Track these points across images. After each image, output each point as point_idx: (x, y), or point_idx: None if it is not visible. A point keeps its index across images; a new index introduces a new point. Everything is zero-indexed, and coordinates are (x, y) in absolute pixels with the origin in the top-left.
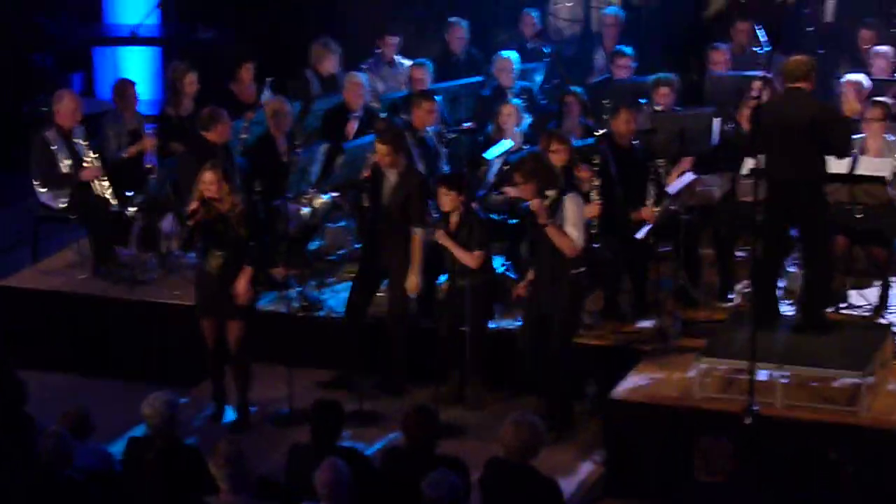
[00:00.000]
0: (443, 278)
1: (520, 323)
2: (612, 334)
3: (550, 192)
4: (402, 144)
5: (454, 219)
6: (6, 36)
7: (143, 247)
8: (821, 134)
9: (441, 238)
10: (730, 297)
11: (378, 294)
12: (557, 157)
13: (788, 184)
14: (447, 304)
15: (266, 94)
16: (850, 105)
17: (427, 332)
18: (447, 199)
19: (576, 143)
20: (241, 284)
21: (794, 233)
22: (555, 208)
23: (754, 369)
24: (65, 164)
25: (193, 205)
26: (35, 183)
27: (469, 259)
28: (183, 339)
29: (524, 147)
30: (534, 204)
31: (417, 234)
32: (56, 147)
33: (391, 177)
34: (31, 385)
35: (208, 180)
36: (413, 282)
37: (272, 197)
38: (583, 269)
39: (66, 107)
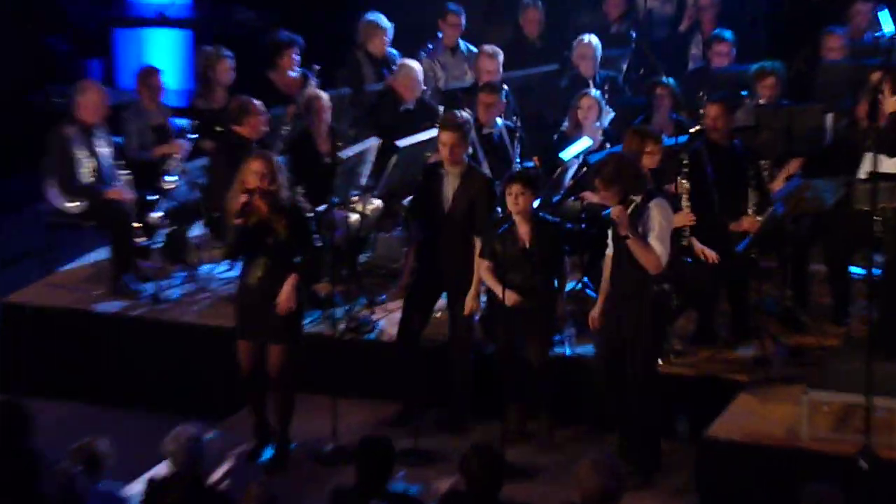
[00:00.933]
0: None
1: (595, 349)
2: (706, 362)
3: (635, 198)
4: (469, 137)
5: (524, 227)
6: (17, 15)
7: (168, 259)
8: None
9: (486, 274)
10: (845, 320)
11: (436, 315)
12: (650, 160)
13: None
14: (506, 325)
15: (312, 85)
16: None
17: (491, 356)
18: (523, 199)
19: (666, 141)
20: (286, 292)
21: None
22: (639, 216)
23: (872, 405)
24: (87, 168)
25: (243, 198)
26: (49, 184)
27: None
28: (213, 365)
29: (606, 146)
30: (615, 211)
31: (481, 244)
32: (76, 147)
33: (452, 179)
34: (40, 415)
35: (257, 170)
36: (472, 300)
37: (315, 202)
38: (668, 287)
39: (89, 100)
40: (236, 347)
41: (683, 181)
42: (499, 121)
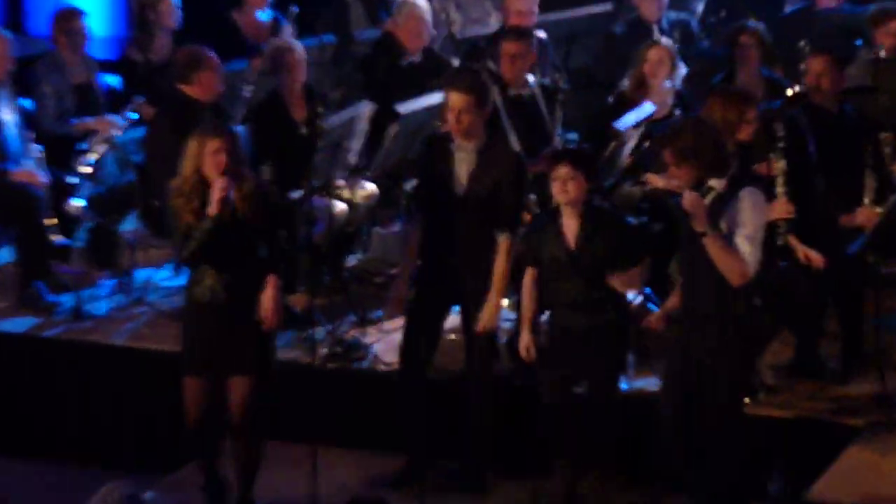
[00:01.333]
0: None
1: (663, 382)
2: (808, 401)
3: (715, 183)
4: (488, 100)
5: (573, 222)
6: None
7: (93, 262)
8: None
9: (527, 288)
10: None
11: (449, 337)
12: (744, 132)
13: None
14: (552, 354)
15: (285, 33)
16: None
17: (523, 393)
18: (574, 186)
19: None
20: (268, 298)
21: None
22: (722, 208)
23: None
24: None
25: (219, 183)
26: None
27: (625, 282)
28: (153, 403)
29: (676, 112)
30: (689, 200)
31: (505, 241)
32: None
33: (466, 156)
34: None
35: (213, 150)
36: (490, 314)
37: (288, 187)
38: (758, 301)
39: None
40: (182, 386)
41: (777, 160)
42: (531, 78)
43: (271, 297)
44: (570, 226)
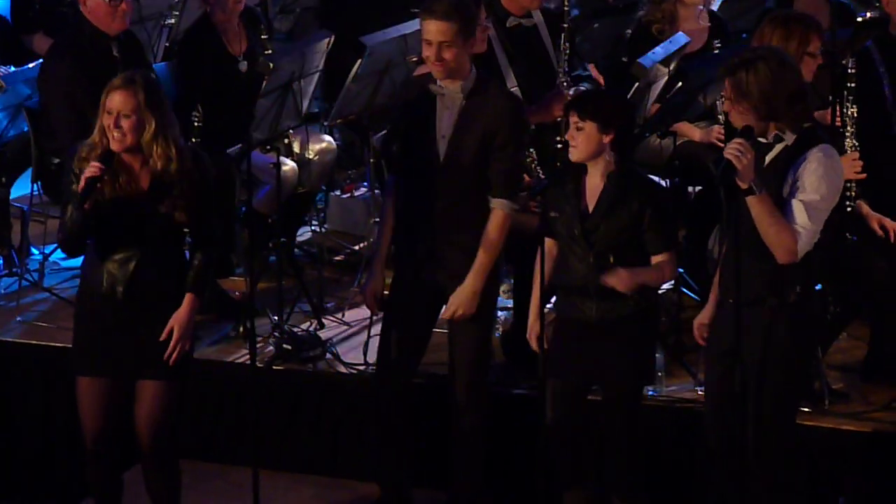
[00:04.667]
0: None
1: (705, 389)
2: (884, 411)
3: (768, 135)
4: (474, 28)
5: (596, 181)
6: None
7: None
8: None
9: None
10: None
11: (438, 330)
12: (806, 68)
13: None
14: (558, 355)
15: None
16: None
17: (523, 405)
18: (581, 139)
19: None
20: (182, 318)
21: None
22: (783, 167)
23: None
24: None
25: (93, 165)
26: None
27: (624, 279)
28: (53, 414)
29: (714, 43)
30: (733, 146)
31: (501, 210)
32: None
33: (448, 101)
34: None
35: (117, 106)
36: (466, 297)
37: (222, 141)
38: (820, 286)
39: None
40: (76, 389)
41: (846, 105)
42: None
43: (182, 315)
44: (592, 186)
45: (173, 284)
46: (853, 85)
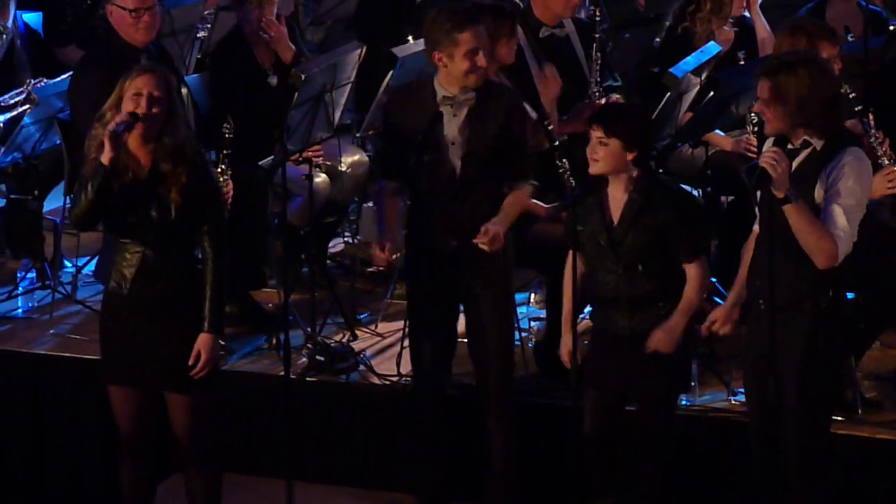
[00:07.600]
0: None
1: (746, 399)
2: None
3: (797, 140)
4: (484, 37)
5: (619, 193)
6: None
7: (8, 249)
8: None
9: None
10: None
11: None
12: None
13: None
14: (594, 366)
15: None
16: None
17: (558, 414)
18: (604, 154)
19: (848, 46)
20: (207, 345)
21: None
22: (814, 171)
23: None
24: None
25: (117, 118)
26: None
27: (665, 341)
28: (85, 425)
29: (740, 55)
30: (769, 154)
31: (521, 190)
32: None
33: (458, 108)
34: None
35: (147, 86)
36: (494, 232)
37: (254, 154)
38: (853, 295)
39: None
40: (108, 396)
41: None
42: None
43: (208, 349)
44: (615, 199)
45: (181, 284)
46: (885, 97)
